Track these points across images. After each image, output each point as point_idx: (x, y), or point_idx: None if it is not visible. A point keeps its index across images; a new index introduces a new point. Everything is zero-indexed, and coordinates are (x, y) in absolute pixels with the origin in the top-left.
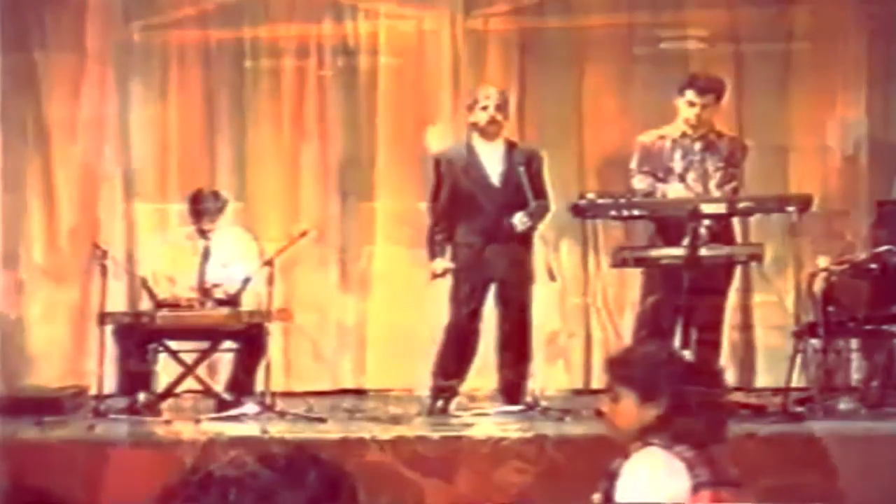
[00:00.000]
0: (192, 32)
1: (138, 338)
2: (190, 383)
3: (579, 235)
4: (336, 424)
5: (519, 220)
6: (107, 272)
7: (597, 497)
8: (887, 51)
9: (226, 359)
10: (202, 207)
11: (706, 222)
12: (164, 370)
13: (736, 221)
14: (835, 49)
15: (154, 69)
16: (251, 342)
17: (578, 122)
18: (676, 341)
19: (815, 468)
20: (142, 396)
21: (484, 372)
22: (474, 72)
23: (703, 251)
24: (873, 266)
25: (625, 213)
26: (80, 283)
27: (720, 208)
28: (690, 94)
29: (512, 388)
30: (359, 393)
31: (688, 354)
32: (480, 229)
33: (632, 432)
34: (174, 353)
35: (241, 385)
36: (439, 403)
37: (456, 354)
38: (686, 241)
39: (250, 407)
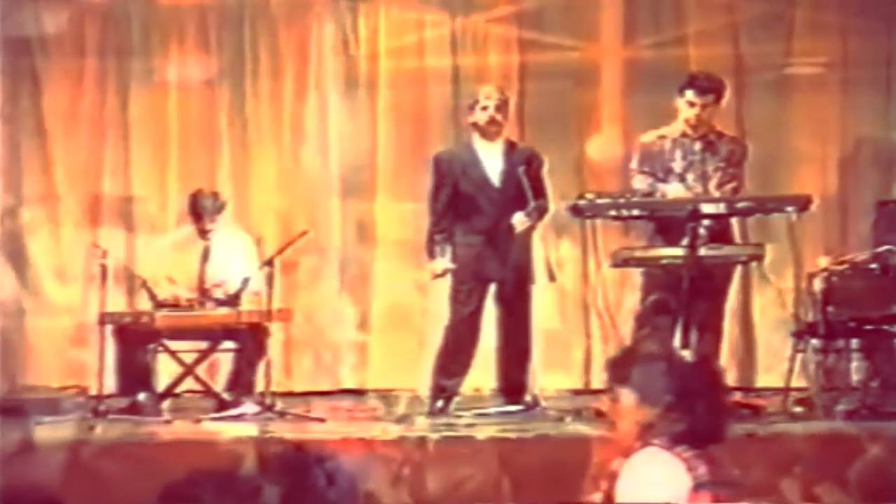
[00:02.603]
0: (193, 33)
1: (138, 338)
2: (190, 383)
3: (579, 235)
4: (336, 424)
5: (518, 220)
6: (107, 272)
7: (597, 497)
8: (887, 50)
9: (226, 359)
10: (202, 207)
11: (706, 222)
12: (164, 370)
13: (736, 221)
14: (835, 48)
15: (154, 69)
16: (251, 342)
17: (578, 123)
18: (676, 341)
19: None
20: (142, 396)
21: (484, 372)
22: (474, 72)
23: (703, 251)
24: (873, 266)
25: (624, 213)
26: (80, 283)
27: (720, 208)
28: (690, 94)
29: (512, 388)
30: (359, 393)
31: (688, 354)
32: (480, 229)
33: (632, 432)
34: (174, 353)
35: (241, 385)
36: (439, 403)
37: (456, 354)
38: (686, 241)
39: (250, 407)
